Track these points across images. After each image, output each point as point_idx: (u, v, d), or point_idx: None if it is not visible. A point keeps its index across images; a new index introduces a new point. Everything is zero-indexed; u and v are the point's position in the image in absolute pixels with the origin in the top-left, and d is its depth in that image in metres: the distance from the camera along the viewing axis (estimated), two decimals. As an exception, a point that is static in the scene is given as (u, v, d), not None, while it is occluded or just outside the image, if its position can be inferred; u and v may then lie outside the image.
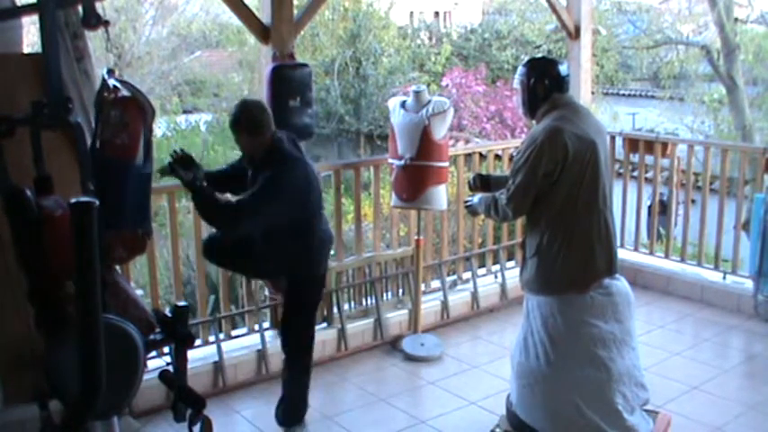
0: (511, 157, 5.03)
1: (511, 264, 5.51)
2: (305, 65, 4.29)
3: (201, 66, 16.25)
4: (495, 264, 5.56)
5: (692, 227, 5.63)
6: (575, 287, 3.22)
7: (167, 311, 2.82)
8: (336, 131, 14.46)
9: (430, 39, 16.55)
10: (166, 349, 3.25)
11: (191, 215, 4.53)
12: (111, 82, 2.83)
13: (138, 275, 5.11)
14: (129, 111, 2.75)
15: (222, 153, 11.93)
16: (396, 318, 4.83)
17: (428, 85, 10.33)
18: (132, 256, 3.01)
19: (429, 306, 5.00)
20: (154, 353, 3.39)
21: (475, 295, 5.25)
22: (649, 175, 5.80)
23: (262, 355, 4.31)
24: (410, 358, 4.57)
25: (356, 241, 4.82)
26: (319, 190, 3.53)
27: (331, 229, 3.79)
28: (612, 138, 5.59)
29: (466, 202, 3.57)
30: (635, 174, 5.99)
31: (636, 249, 5.85)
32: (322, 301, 4.64)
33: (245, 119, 3.40)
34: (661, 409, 3.63)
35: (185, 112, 14.82)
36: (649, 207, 6.01)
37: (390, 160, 4.55)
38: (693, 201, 6.13)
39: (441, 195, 4.54)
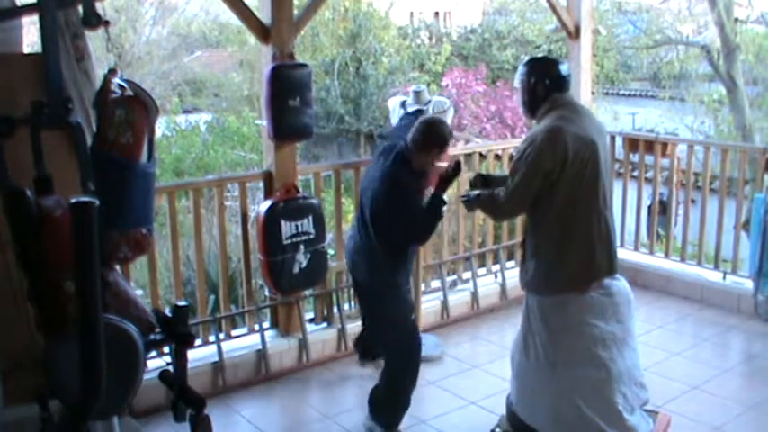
0: (511, 157, 5.03)
1: (511, 264, 5.51)
2: (305, 65, 4.29)
3: (201, 66, 16.26)
4: (495, 264, 5.56)
5: (692, 227, 5.63)
6: (575, 287, 3.23)
7: (167, 311, 2.82)
8: (336, 131, 14.46)
9: (430, 39, 16.53)
10: (166, 349, 3.26)
11: (191, 215, 4.54)
12: (117, 81, 2.84)
13: (138, 275, 5.10)
14: (133, 110, 2.76)
15: (222, 153, 11.94)
16: (396, 318, 4.83)
17: (428, 85, 10.32)
18: (137, 256, 3.01)
19: (429, 306, 5.00)
20: (154, 353, 3.40)
21: (475, 295, 5.25)
22: (649, 175, 5.80)
23: (262, 355, 4.31)
24: (410, 358, 4.56)
25: (356, 241, 4.82)
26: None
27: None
28: (612, 138, 5.59)
29: (463, 197, 3.56)
30: (635, 174, 6.00)
31: (636, 249, 5.85)
32: (321, 301, 4.66)
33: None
34: (661, 409, 3.64)
35: (185, 112, 14.83)
36: (649, 207, 6.01)
37: (390, 160, 4.55)
38: (693, 201, 6.14)
39: (441, 195, 4.53)
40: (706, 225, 5.43)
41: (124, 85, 2.83)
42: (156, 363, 3.52)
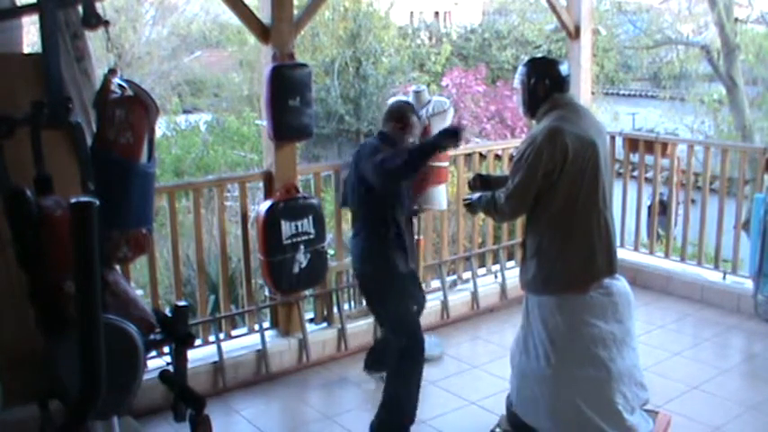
0: (511, 157, 5.03)
1: (511, 264, 5.51)
2: (305, 65, 4.29)
3: (201, 66, 16.25)
4: (495, 264, 5.56)
5: (692, 227, 5.63)
6: (575, 287, 3.23)
7: (167, 311, 2.82)
8: (336, 131, 14.46)
9: (430, 39, 16.53)
10: (166, 349, 3.26)
11: (191, 215, 4.54)
12: (117, 81, 2.84)
13: (138, 275, 5.10)
14: (133, 110, 2.76)
15: (222, 153, 11.94)
16: (396, 318, 4.83)
17: (428, 85, 10.32)
18: (137, 256, 3.02)
19: (429, 306, 4.95)
20: (154, 353, 3.40)
21: (475, 295, 5.25)
22: (649, 175, 5.80)
23: (262, 355, 4.31)
24: (410, 358, 4.56)
25: (356, 241, 4.82)
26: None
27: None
28: (612, 138, 5.59)
29: (465, 200, 3.57)
30: (635, 174, 5.99)
31: (636, 249, 5.85)
32: (321, 301, 4.67)
33: None
34: (661, 409, 3.63)
35: (185, 112, 14.82)
36: (649, 207, 6.00)
37: (390, 160, 4.55)
38: (693, 201, 6.13)
39: (441, 195, 4.54)
40: (706, 225, 5.43)
41: (124, 85, 2.84)
42: (156, 363, 3.52)
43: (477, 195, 3.47)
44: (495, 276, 5.46)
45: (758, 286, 4.98)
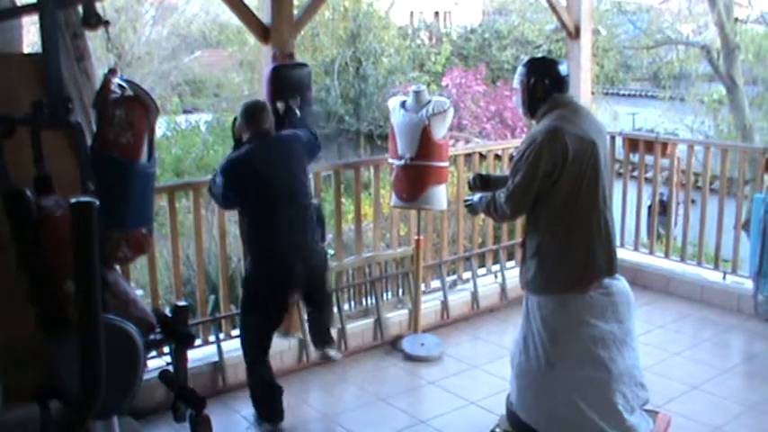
0: (511, 157, 5.03)
1: (511, 264, 5.51)
2: (305, 65, 4.29)
3: (201, 66, 16.25)
4: (495, 264, 5.56)
5: (692, 227, 5.63)
6: (575, 287, 3.23)
7: (167, 311, 2.82)
8: (336, 131, 14.46)
9: (430, 39, 16.55)
10: (166, 349, 3.26)
11: (191, 215, 4.53)
12: (117, 81, 2.84)
13: (138, 275, 5.10)
14: (133, 110, 2.76)
15: (222, 153, 11.94)
16: (396, 318, 4.83)
17: (428, 85, 10.33)
18: (137, 256, 3.02)
19: (429, 306, 5.00)
20: (154, 353, 3.41)
21: (475, 295, 5.25)
22: (649, 175, 5.81)
23: (262, 355, 4.30)
24: (410, 358, 4.57)
25: (356, 241, 4.82)
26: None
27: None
28: (612, 138, 5.59)
29: (465, 201, 3.57)
30: (635, 174, 6.00)
31: (636, 249, 5.85)
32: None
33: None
34: (661, 409, 3.63)
35: (185, 112, 14.82)
36: (649, 207, 6.01)
37: (390, 160, 4.56)
38: (693, 201, 6.14)
39: (441, 195, 4.54)
40: (706, 225, 5.43)
41: (124, 85, 2.84)
42: (156, 363, 3.52)
43: (477, 196, 3.47)
44: (495, 276, 5.46)
45: (758, 286, 4.98)
